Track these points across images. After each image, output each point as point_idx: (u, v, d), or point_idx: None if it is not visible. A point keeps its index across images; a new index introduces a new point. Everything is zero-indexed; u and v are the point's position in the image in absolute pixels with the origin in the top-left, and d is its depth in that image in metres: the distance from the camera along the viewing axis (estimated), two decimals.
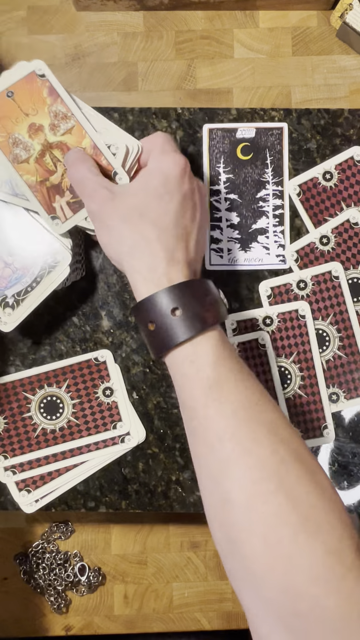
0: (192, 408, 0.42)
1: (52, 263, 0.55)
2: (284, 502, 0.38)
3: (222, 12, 0.68)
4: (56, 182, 0.53)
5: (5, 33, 0.68)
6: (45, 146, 0.53)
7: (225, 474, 0.40)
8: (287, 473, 0.39)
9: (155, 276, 0.44)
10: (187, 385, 0.43)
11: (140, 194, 0.47)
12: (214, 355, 0.42)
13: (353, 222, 0.61)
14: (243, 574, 0.39)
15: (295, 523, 0.37)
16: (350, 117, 0.62)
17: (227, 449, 0.40)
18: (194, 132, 0.62)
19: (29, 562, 0.70)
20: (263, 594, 0.38)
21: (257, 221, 0.62)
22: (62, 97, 0.52)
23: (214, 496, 0.41)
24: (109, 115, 0.61)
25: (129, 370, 0.61)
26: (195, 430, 0.42)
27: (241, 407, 0.41)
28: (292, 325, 0.61)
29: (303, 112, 0.62)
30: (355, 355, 0.61)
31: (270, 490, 0.38)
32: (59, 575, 0.70)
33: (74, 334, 0.61)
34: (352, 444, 0.61)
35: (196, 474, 0.44)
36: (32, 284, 0.55)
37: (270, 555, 0.37)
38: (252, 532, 0.38)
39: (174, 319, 0.43)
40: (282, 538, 0.37)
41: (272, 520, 0.38)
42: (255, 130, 0.62)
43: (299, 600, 0.36)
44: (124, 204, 0.46)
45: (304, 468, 0.40)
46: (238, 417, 0.41)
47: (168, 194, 0.46)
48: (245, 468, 0.39)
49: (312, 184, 0.61)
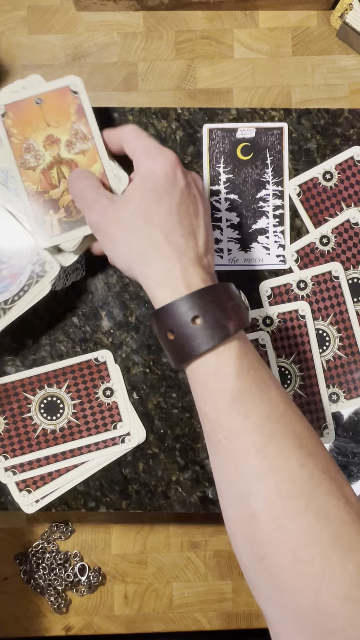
0: (216, 420, 0.41)
1: (40, 272, 0.54)
2: (314, 520, 0.37)
3: (222, 12, 0.68)
4: (55, 197, 0.53)
5: (5, 33, 0.68)
6: (56, 160, 0.53)
7: (251, 489, 0.39)
8: (316, 488, 0.38)
9: (171, 281, 0.42)
10: (210, 397, 0.41)
11: (137, 198, 0.45)
12: (237, 366, 0.41)
13: (353, 222, 0.61)
14: (270, 590, 0.38)
15: (325, 541, 0.36)
16: (350, 117, 0.62)
17: (254, 464, 0.39)
18: (194, 132, 0.62)
19: (29, 562, 0.70)
20: (293, 611, 0.37)
21: (257, 221, 0.62)
22: (88, 118, 0.53)
23: (238, 511, 0.40)
24: (108, 115, 0.61)
25: (129, 370, 0.61)
26: (219, 444, 0.41)
27: (267, 420, 0.40)
28: (292, 325, 0.61)
29: (303, 112, 0.62)
30: (355, 356, 0.61)
31: (299, 507, 0.37)
32: (59, 575, 0.70)
33: (74, 335, 0.61)
34: (352, 443, 0.61)
35: (216, 486, 0.42)
36: (19, 292, 0.54)
37: (300, 574, 0.36)
38: (281, 551, 0.37)
39: (194, 327, 0.41)
40: (312, 557, 0.36)
41: (302, 538, 0.37)
42: (255, 130, 0.62)
43: (331, 619, 0.35)
44: (124, 212, 0.45)
45: (333, 482, 0.38)
46: (264, 430, 0.39)
47: (166, 193, 0.45)
48: (273, 484, 0.38)
49: (312, 184, 0.61)
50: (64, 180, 0.53)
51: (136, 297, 0.61)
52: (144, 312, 0.61)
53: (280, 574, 0.37)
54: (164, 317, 0.42)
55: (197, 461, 0.61)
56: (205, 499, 0.61)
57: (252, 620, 0.77)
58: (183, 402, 0.61)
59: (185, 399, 0.61)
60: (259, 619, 0.77)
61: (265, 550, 0.38)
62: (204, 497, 0.61)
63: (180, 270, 0.43)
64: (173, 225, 0.44)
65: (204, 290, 0.42)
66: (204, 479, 0.61)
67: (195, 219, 0.46)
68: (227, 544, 0.77)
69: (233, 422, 0.40)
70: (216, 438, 0.41)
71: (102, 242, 0.47)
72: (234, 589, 0.76)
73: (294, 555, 0.36)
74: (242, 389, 0.40)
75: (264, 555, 0.38)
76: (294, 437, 0.39)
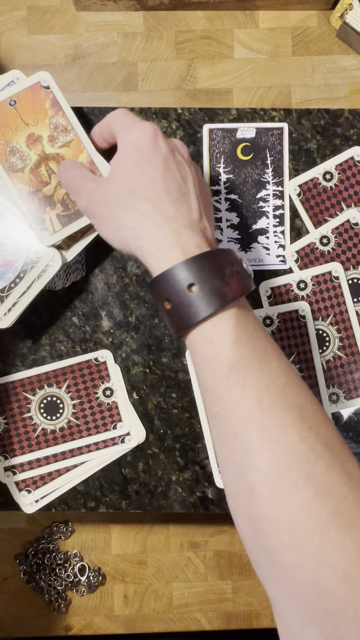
0: (214, 391, 0.40)
1: (35, 258, 0.54)
2: (313, 495, 0.35)
3: (222, 12, 0.68)
4: (49, 194, 0.53)
5: (5, 33, 0.68)
6: (42, 157, 0.53)
7: (249, 462, 0.38)
8: (317, 462, 0.36)
9: (165, 250, 0.41)
10: (209, 367, 0.40)
11: (121, 173, 0.44)
12: (235, 335, 0.39)
13: (353, 223, 0.61)
14: (269, 566, 0.37)
15: (325, 517, 0.35)
16: (351, 117, 0.62)
17: (252, 436, 0.38)
18: (194, 132, 0.62)
19: (29, 562, 0.70)
20: (292, 589, 0.36)
21: (258, 221, 0.62)
22: (64, 110, 0.53)
23: (237, 485, 0.39)
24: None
25: (129, 370, 0.61)
26: (218, 415, 0.40)
27: (266, 391, 0.38)
28: (292, 325, 0.61)
29: (303, 112, 0.62)
30: (355, 356, 0.61)
31: (298, 482, 0.36)
32: (59, 575, 0.70)
33: (74, 335, 0.61)
34: (352, 444, 0.61)
35: (218, 459, 0.41)
36: (16, 279, 0.54)
37: (298, 550, 0.35)
38: (279, 526, 0.36)
39: (190, 295, 0.40)
40: (310, 533, 0.35)
41: (300, 514, 0.35)
42: (256, 131, 0.62)
43: (330, 598, 0.34)
44: (110, 189, 0.45)
45: (335, 457, 0.37)
46: (263, 402, 0.38)
47: (148, 162, 0.44)
48: (272, 457, 0.37)
49: (312, 184, 0.61)
50: (54, 176, 0.53)
51: (136, 297, 0.61)
52: (144, 312, 0.61)
53: (279, 550, 0.36)
54: (159, 287, 0.41)
55: (197, 461, 0.61)
56: (205, 499, 0.61)
57: (252, 620, 0.77)
58: (183, 402, 0.61)
59: (185, 399, 0.61)
60: (259, 619, 0.77)
61: (263, 524, 0.37)
62: (204, 497, 0.61)
63: (173, 237, 0.41)
64: (160, 193, 0.43)
65: (200, 256, 0.41)
66: (204, 479, 0.61)
67: (183, 184, 0.44)
68: (227, 544, 0.77)
69: (231, 392, 0.39)
70: (215, 409, 0.40)
71: (95, 225, 0.47)
72: (234, 589, 0.76)
73: (291, 531, 0.35)
74: (239, 359, 0.39)
75: (262, 530, 0.37)
76: (295, 409, 0.38)
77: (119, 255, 0.61)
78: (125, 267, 0.61)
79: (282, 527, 0.36)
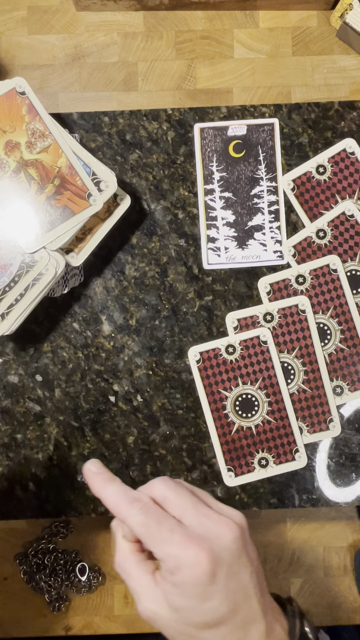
0: None
1: (30, 262, 0.54)
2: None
3: (222, 12, 0.68)
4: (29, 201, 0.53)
5: (5, 33, 0.68)
6: (21, 164, 0.53)
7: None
8: None
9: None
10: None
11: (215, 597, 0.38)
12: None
13: (348, 215, 0.61)
14: None
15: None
16: (341, 109, 0.62)
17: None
18: (185, 132, 0.62)
19: (29, 562, 0.70)
20: None
21: (253, 218, 0.62)
22: (41, 115, 0.53)
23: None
24: (99, 120, 0.61)
25: (132, 373, 0.61)
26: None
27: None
28: (292, 320, 0.61)
29: (293, 107, 0.62)
30: (357, 347, 0.61)
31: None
32: (59, 575, 0.70)
33: (75, 340, 0.61)
34: (358, 435, 0.61)
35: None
36: (10, 283, 0.54)
37: None
38: None
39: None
40: None
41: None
42: (247, 127, 0.62)
43: None
44: (199, 617, 0.39)
45: None
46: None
47: (247, 569, 0.39)
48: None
49: (305, 178, 0.61)
50: (33, 182, 0.53)
51: (136, 299, 0.61)
52: (145, 315, 0.61)
53: None
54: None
55: (205, 460, 0.61)
56: (215, 498, 0.60)
57: None
58: (187, 402, 0.61)
59: (190, 399, 0.61)
60: None
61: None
62: (213, 496, 0.61)
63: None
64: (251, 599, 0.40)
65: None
66: (212, 478, 0.61)
67: (256, 584, 0.40)
68: None
69: None
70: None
71: None
72: None
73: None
74: None
75: None
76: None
77: (116, 258, 0.61)
78: (123, 271, 0.61)
79: None
